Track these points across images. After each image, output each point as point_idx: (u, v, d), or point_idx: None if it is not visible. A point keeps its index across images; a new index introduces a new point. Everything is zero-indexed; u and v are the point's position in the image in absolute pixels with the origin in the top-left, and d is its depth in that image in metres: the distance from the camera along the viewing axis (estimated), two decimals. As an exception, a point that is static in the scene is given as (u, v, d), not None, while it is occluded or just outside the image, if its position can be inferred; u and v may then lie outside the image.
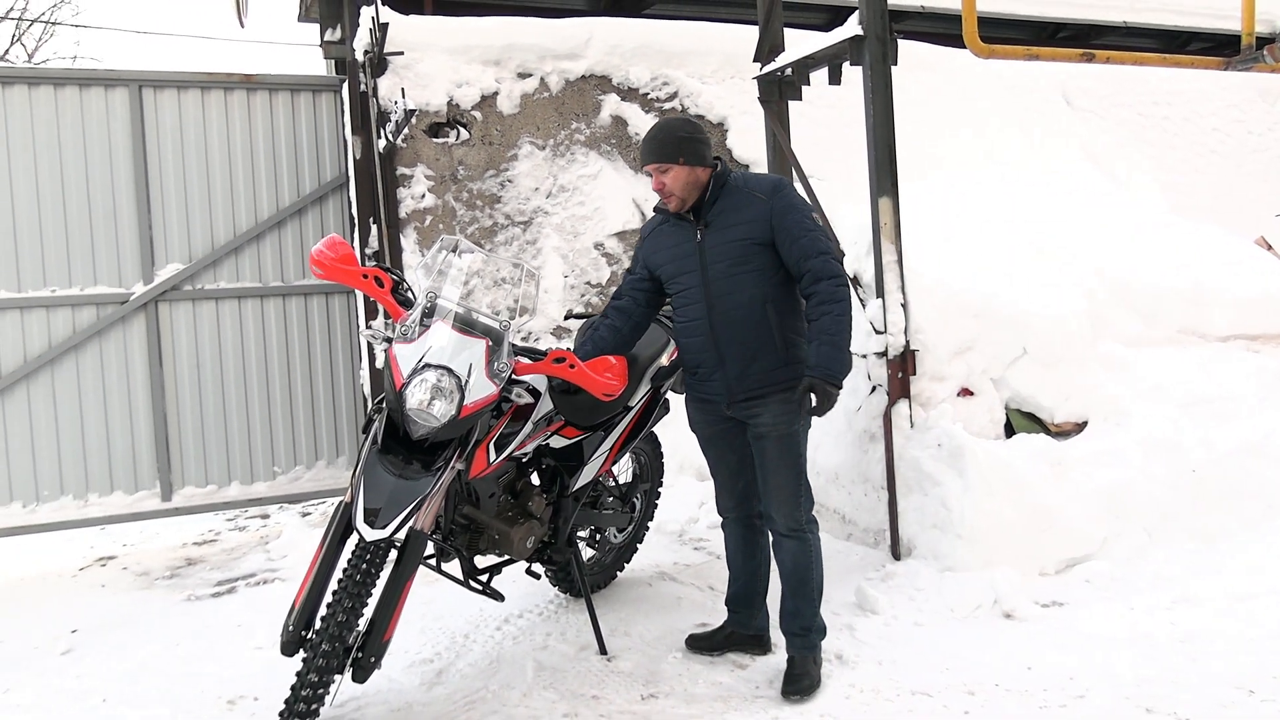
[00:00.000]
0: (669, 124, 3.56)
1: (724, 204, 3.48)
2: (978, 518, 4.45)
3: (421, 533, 3.10)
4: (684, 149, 3.43)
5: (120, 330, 5.81)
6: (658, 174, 3.47)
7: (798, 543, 3.55)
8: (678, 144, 3.43)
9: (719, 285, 3.47)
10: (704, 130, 3.56)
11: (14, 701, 3.66)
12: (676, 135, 3.45)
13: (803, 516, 3.55)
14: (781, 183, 3.49)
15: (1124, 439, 4.96)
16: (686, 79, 6.85)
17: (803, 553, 3.55)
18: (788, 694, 3.44)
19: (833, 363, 3.31)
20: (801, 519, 3.54)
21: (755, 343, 3.45)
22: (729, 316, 3.47)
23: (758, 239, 3.42)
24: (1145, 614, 4.08)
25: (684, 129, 3.48)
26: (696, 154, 3.44)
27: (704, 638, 3.88)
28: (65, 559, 5.58)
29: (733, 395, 3.53)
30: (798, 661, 3.54)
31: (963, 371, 5.06)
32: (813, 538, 3.57)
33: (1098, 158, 8.26)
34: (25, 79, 5.61)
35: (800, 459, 3.53)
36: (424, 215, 6.21)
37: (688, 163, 3.43)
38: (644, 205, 6.66)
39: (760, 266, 3.43)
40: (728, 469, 3.74)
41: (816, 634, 3.58)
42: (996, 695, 3.43)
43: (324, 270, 3.21)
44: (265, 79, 6.11)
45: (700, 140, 3.47)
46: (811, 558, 3.56)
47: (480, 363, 3.09)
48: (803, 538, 3.55)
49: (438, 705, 3.48)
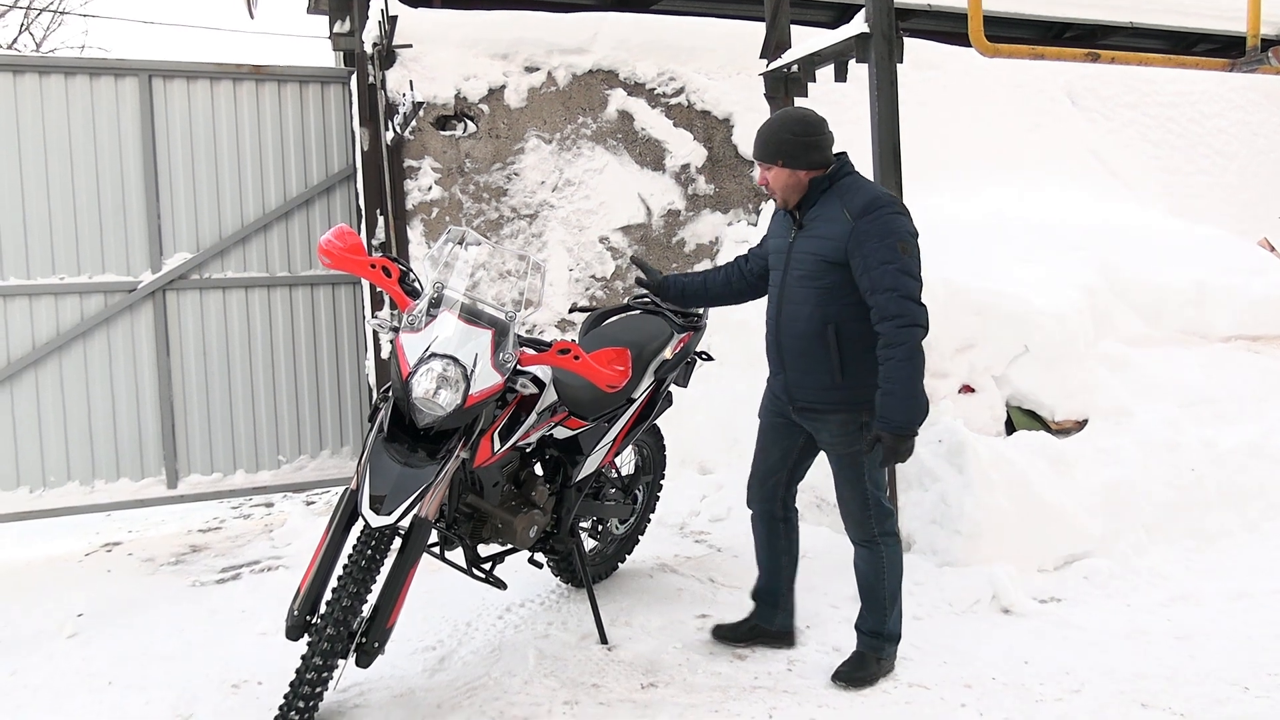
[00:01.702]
0: (779, 121, 3.44)
1: (819, 211, 3.39)
2: (977, 513, 4.48)
3: (426, 520, 3.14)
4: (784, 152, 3.36)
5: (128, 318, 5.85)
6: (763, 169, 3.45)
7: (868, 551, 3.57)
8: (779, 146, 3.37)
9: (791, 292, 3.46)
10: (819, 129, 3.39)
11: (22, 683, 3.70)
12: (780, 136, 3.38)
13: (874, 528, 3.53)
14: (874, 203, 3.27)
15: (1124, 438, 5.00)
16: (693, 74, 6.87)
17: (873, 561, 3.56)
18: (835, 677, 3.50)
19: (894, 413, 3.20)
20: (873, 530, 3.53)
21: (812, 358, 3.41)
22: (793, 327, 3.46)
23: (832, 258, 3.31)
24: (1143, 611, 4.12)
25: (791, 129, 3.37)
26: (798, 158, 3.35)
27: (730, 629, 3.90)
28: (71, 544, 5.62)
29: (793, 401, 3.56)
30: (860, 655, 3.57)
31: (964, 368, 5.09)
32: (886, 549, 3.54)
33: (1103, 158, 8.27)
34: (36, 68, 5.64)
35: (863, 478, 3.48)
36: (431, 207, 6.24)
37: (787, 165, 3.37)
38: (649, 200, 6.69)
39: (830, 285, 3.34)
40: (766, 462, 3.78)
41: (887, 640, 3.57)
42: (993, 689, 3.47)
43: (332, 259, 3.25)
44: (274, 70, 6.14)
45: (806, 143, 3.35)
46: (882, 567, 3.54)
47: (486, 353, 3.12)
48: (873, 548, 3.56)
49: (440, 691, 3.52)
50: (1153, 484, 4.82)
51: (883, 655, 3.57)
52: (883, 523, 3.54)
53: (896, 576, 3.58)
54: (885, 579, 3.56)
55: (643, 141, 6.73)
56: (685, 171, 6.81)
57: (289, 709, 2.92)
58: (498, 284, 5.71)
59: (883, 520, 3.54)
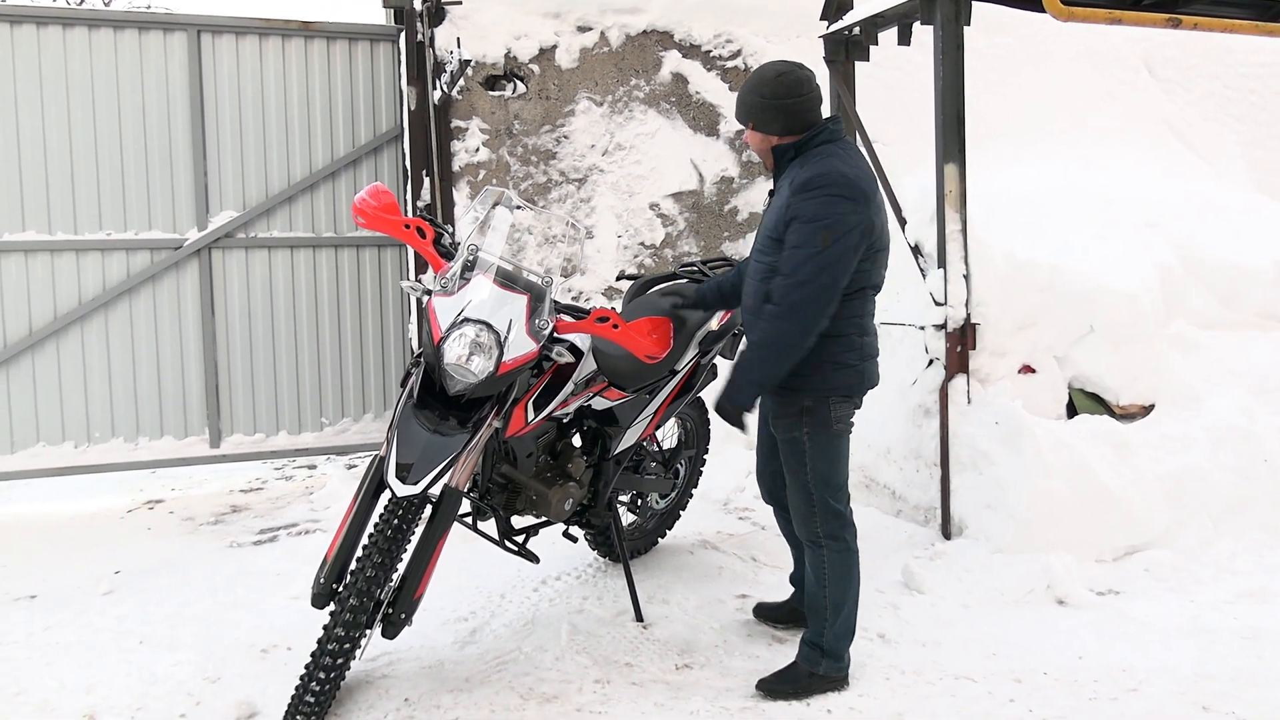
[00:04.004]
0: (754, 79, 3.16)
1: (784, 180, 3.15)
2: (1033, 499, 4.30)
3: (456, 490, 3.03)
4: (753, 114, 3.13)
5: (173, 276, 5.83)
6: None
7: (812, 553, 3.26)
8: (748, 108, 3.15)
9: (750, 264, 3.28)
10: (794, 92, 3.08)
11: (54, 639, 3.69)
12: (749, 99, 3.14)
13: (817, 528, 3.21)
14: (814, 180, 2.97)
15: (1193, 424, 4.76)
16: (751, 37, 6.65)
17: (815, 564, 3.25)
18: (758, 684, 3.22)
19: (729, 385, 3.10)
20: (816, 530, 3.22)
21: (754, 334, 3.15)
22: (746, 301, 3.25)
23: (774, 234, 3.09)
24: (1208, 607, 3.91)
25: (760, 91, 3.11)
26: (767, 122, 3.10)
27: (770, 608, 3.78)
28: (115, 501, 5.65)
29: None
30: (793, 666, 3.26)
31: (1025, 348, 4.88)
32: (829, 554, 3.21)
33: (1180, 131, 7.91)
34: (86, 21, 5.61)
35: (804, 470, 3.18)
36: (477, 169, 6.13)
37: (757, 129, 3.15)
38: (702, 166, 6.52)
39: (773, 264, 3.08)
40: (764, 450, 3.62)
41: (826, 655, 3.22)
42: (1044, 684, 3.30)
43: (365, 219, 3.14)
44: (323, 26, 6.05)
45: (776, 107, 3.08)
46: (824, 573, 3.22)
47: (521, 319, 3.00)
48: (816, 550, 3.24)
49: (469, 664, 3.44)
50: (1222, 474, 4.58)
51: (818, 670, 3.21)
52: (828, 523, 3.20)
53: (841, 587, 3.22)
54: (827, 587, 3.21)
55: (697, 105, 6.55)
56: (740, 137, 6.61)
57: (310, 679, 2.85)
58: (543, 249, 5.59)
59: (828, 521, 3.20)
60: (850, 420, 3.24)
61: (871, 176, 3.10)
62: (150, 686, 3.30)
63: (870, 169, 3.15)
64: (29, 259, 5.57)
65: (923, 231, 4.87)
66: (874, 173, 3.19)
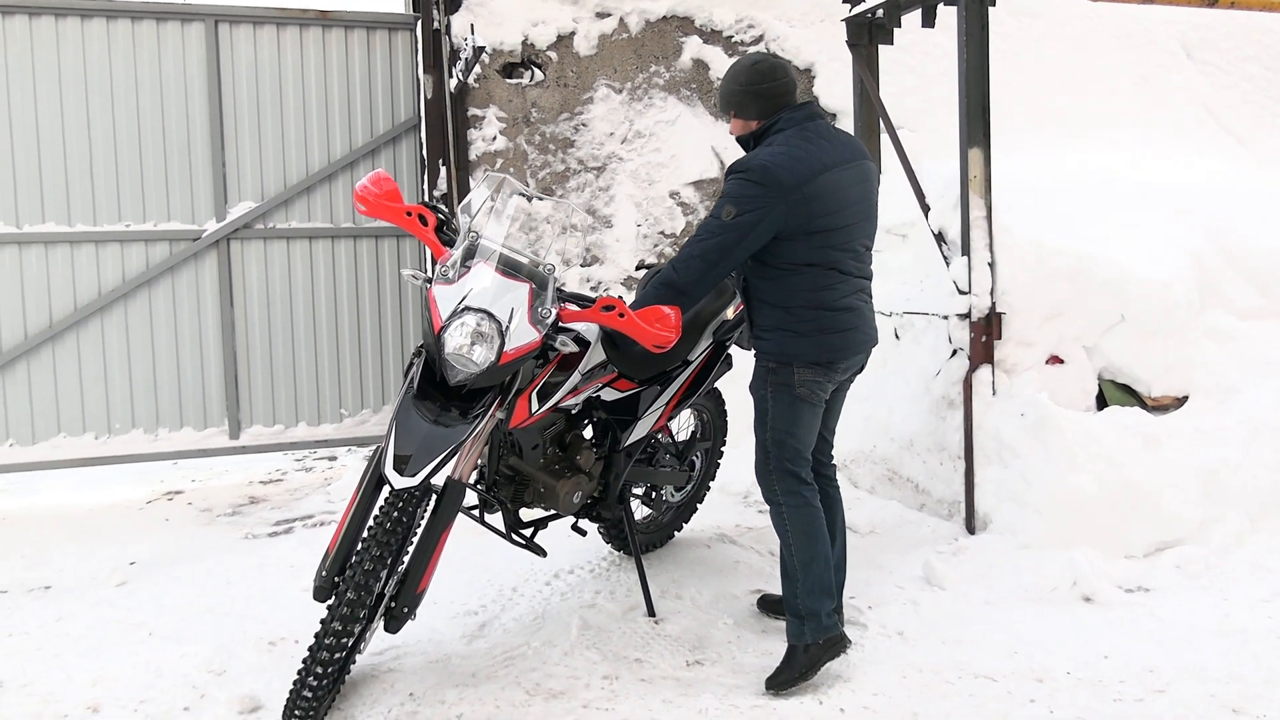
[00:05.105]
0: (732, 70, 3.34)
1: None
2: (1060, 493, 4.18)
3: (460, 482, 2.97)
4: (733, 102, 3.30)
5: (192, 267, 5.83)
6: None
7: (773, 511, 3.34)
8: (727, 97, 3.32)
9: None
10: (768, 77, 3.25)
11: (65, 630, 3.69)
12: (728, 86, 3.31)
13: (775, 484, 3.30)
14: (734, 166, 3.18)
15: (1228, 417, 4.61)
16: (774, 21, 6.53)
17: (778, 523, 3.32)
18: (766, 686, 3.17)
19: None
20: (774, 488, 3.31)
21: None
22: None
23: None
24: (1241, 606, 3.77)
25: (741, 79, 3.27)
26: (745, 108, 3.27)
27: (775, 601, 3.70)
28: (135, 491, 5.66)
29: None
30: (789, 651, 3.24)
31: (1053, 338, 4.74)
32: (787, 509, 3.28)
33: (1219, 115, 7.69)
34: (104, 13, 5.60)
35: (764, 428, 3.30)
36: (495, 158, 6.07)
37: (738, 116, 3.31)
38: (723, 154, 6.41)
39: None
40: None
41: (807, 620, 3.21)
42: (1067, 684, 3.19)
43: (367, 206, 3.09)
44: (340, 15, 6.01)
45: (754, 93, 3.24)
46: (786, 529, 3.29)
47: (523, 308, 2.93)
48: (776, 508, 3.32)
49: (476, 659, 3.39)
50: (1257, 468, 4.43)
51: (806, 640, 3.20)
52: (784, 480, 3.29)
53: (805, 542, 3.26)
54: (792, 545, 3.27)
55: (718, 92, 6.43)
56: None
57: (307, 674, 2.80)
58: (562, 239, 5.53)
59: (784, 478, 3.29)
60: (820, 389, 3.28)
61: (815, 165, 3.13)
62: (156, 679, 3.27)
63: (821, 156, 3.16)
64: (49, 250, 5.59)
65: (946, 218, 4.75)
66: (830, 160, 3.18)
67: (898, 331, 5.23)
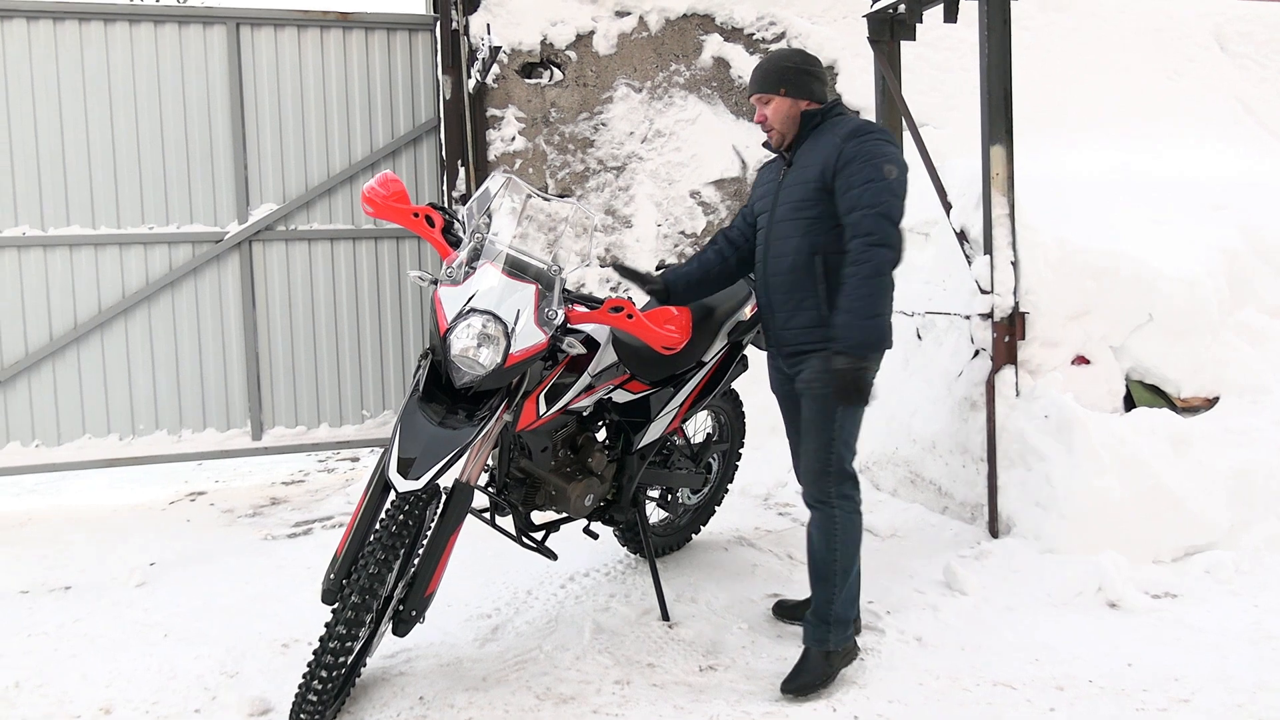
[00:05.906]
0: (779, 53, 3.33)
1: (811, 143, 3.21)
2: (1086, 496, 4.09)
3: (468, 484, 2.95)
4: (787, 79, 3.21)
5: (215, 269, 5.86)
6: (760, 105, 3.27)
7: (821, 514, 3.22)
8: (781, 74, 3.21)
9: (779, 228, 3.24)
10: (818, 62, 3.30)
11: (82, 631, 3.71)
12: (782, 65, 3.24)
13: (831, 488, 3.19)
14: (863, 128, 3.12)
15: (1261, 418, 4.49)
16: (795, 18, 6.47)
17: (825, 526, 3.21)
18: (783, 689, 3.12)
19: (849, 332, 2.96)
20: (830, 490, 3.19)
21: (800, 294, 3.17)
22: (779, 264, 3.21)
23: (819, 183, 3.12)
24: (1272, 613, 3.67)
25: (793, 59, 3.26)
26: (801, 86, 3.21)
27: (791, 607, 3.66)
28: (158, 492, 5.70)
29: (782, 349, 3.29)
30: (804, 655, 3.20)
31: (1079, 337, 4.64)
32: (840, 513, 3.18)
33: (1254, 109, 7.52)
34: (127, 16, 5.64)
35: (832, 424, 3.14)
36: (514, 158, 6.05)
37: (789, 94, 3.21)
38: (745, 153, 6.35)
39: (819, 215, 3.12)
40: (794, 432, 3.48)
41: (835, 627, 3.18)
42: (1089, 692, 3.11)
43: (374, 208, 3.07)
44: (361, 17, 6.02)
45: (808, 73, 3.23)
46: (835, 534, 3.18)
47: (529, 309, 2.90)
48: (827, 510, 3.20)
49: (488, 663, 3.36)
50: (1291, 470, 4.31)
51: (830, 647, 3.16)
52: (841, 484, 3.19)
53: (851, 550, 3.20)
54: (837, 550, 3.18)
55: (739, 90, 6.39)
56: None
57: (312, 677, 2.78)
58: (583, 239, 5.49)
59: (842, 481, 3.19)
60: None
61: None
62: (169, 680, 3.28)
63: None
64: (74, 253, 5.64)
65: (968, 216, 4.67)
66: None
67: (920, 332, 5.15)
